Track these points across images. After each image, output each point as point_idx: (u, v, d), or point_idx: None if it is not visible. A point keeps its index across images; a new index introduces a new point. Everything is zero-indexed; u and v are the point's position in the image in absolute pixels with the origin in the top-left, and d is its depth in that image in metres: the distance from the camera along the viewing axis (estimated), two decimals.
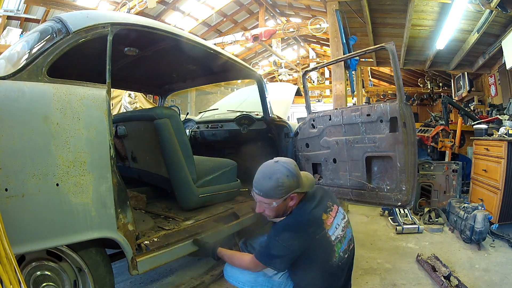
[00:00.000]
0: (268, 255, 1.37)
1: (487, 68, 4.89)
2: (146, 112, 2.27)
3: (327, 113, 2.30)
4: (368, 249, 2.40)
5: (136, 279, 1.91)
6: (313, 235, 1.36)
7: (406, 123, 1.87)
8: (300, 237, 1.35)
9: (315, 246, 1.36)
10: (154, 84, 3.00)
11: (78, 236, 1.15)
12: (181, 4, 7.91)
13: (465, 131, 4.30)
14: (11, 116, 1.03)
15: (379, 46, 1.99)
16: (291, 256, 1.35)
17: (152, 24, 1.59)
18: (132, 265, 1.33)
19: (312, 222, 1.39)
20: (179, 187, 1.92)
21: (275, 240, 1.36)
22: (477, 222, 2.33)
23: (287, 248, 1.34)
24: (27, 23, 6.28)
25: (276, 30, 7.55)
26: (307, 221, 1.39)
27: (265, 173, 1.39)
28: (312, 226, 1.38)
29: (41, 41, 1.27)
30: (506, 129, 2.71)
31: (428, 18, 4.00)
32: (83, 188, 1.16)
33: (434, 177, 3.40)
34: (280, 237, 1.35)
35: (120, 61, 2.14)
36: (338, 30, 3.67)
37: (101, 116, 1.24)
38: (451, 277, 1.78)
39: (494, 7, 3.10)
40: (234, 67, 2.34)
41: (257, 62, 11.53)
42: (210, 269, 2.04)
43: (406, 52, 5.18)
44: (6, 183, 0.99)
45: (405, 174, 1.88)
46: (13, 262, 0.87)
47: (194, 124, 3.28)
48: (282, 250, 1.34)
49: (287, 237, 1.35)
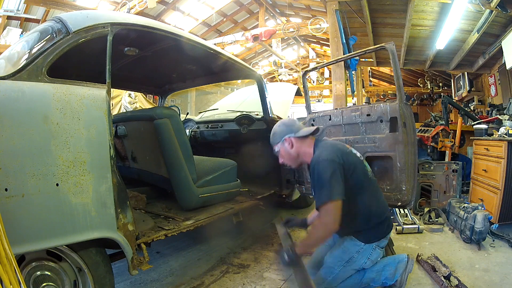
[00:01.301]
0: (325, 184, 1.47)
1: (487, 68, 4.89)
2: (146, 112, 2.27)
3: (327, 113, 2.30)
4: None
5: (136, 279, 1.91)
6: (344, 150, 1.60)
7: (406, 123, 1.87)
8: (336, 151, 1.55)
9: (351, 158, 1.58)
10: (154, 84, 3.00)
11: (78, 236, 1.15)
12: (181, 4, 7.92)
13: (465, 131, 4.29)
14: (11, 116, 1.03)
15: (379, 46, 1.99)
16: (340, 170, 1.49)
17: (152, 24, 1.59)
18: (132, 265, 1.33)
19: (336, 143, 1.67)
20: (179, 187, 1.92)
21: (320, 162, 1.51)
22: (477, 222, 2.33)
23: (332, 161, 1.49)
24: (27, 23, 6.28)
25: (276, 30, 7.55)
26: (333, 143, 1.66)
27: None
28: (338, 145, 1.65)
29: (41, 41, 1.27)
30: (506, 129, 2.71)
31: (428, 18, 4.00)
32: (83, 188, 1.16)
33: (434, 177, 3.40)
34: (321, 157, 1.52)
35: (120, 61, 2.15)
36: (338, 30, 3.68)
37: (101, 116, 1.24)
38: (451, 277, 1.78)
39: (494, 7, 3.10)
40: (234, 67, 2.34)
41: (257, 62, 11.54)
42: (210, 269, 2.05)
43: (406, 52, 5.18)
44: (6, 183, 0.99)
45: (405, 174, 1.88)
46: (13, 262, 0.87)
47: (194, 124, 3.28)
48: (330, 164, 1.48)
49: (327, 153, 1.53)
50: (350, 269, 1.60)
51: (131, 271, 1.34)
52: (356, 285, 1.62)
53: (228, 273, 2.00)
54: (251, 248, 2.33)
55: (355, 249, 1.59)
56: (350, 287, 1.62)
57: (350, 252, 1.60)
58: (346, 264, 1.60)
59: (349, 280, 1.61)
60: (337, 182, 1.45)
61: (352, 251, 1.60)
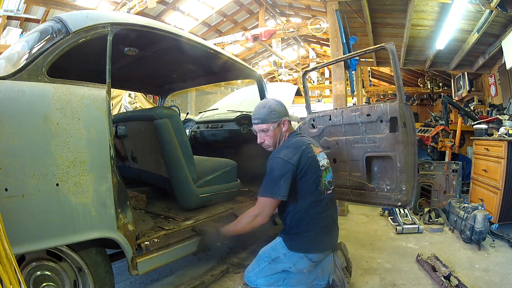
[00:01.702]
0: (273, 181, 1.52)
1: (487, 68, 4.88)
2: (146, 112, 2.27)
3: (327, 113, 2.30)
4: (368, 249, 2.40)
5: (136, 279, 1.91)
6: (306, 152, 1.58)
7: (406, 123, 1.87)
8: (296, 151, 1.56)
9: (308, 163, 1.56)
10: (154, 84, 3.00)
11: (78, 236, 1.15)
12: (181, 4, 7.91)
13: (465, 131, 4.30)
14: (11, 116, 1.03)
15: (379, 46, 1.99)
16: (291, 173, 1.51)
17: (152, 24, 1.59)
18: (132, 265, 1.33)
19: (304, 143, 1.63)
20: (179, 187, 1.92)
21: (276, 158, 1.55)
22: (477, 222, 2.33)
23: (287, 161, 1.52)
24: (27, 23, 6.28)
25: (276, 30, 7.54)
26: (300, 141, 1.64)
27: (259, 105, 1.71)
28: (304, 145, 1.61)
29: (41, 41, 1.27)
30: (506, 129, 2.71)
31: (428, 18, 3.99)
32: (83, 188, 1.16)
33: (434, 177, 3.40)
34: (279, 154, 1.56)
35: (120, 61, 2.14)
36: (338, 30, 3.67)
37: (101, 116, 1.24)
38: (451, 277, 1.78)
39: (494, 7, 3.10)
40: (234, 67, 2.34)
41: (257, 62, 11.54)
42: (210, 269, 2.04)
43: (406, 52, 5.18)
44: (6, 183, 0.99)
45: (405, 174, 1.88)
46: (13, 262, 0.87)
47: (194, 124, 3.28)
48: (284, 165, 1.52)
49: (286, 152, 1.56)
50: (275, 268, 1.64)
51: (131, 271, 1.34)
52: (277, 283, 1.64)
53: (228, 273, 2.00)
54: (251, 248, 2.33)
55: (283, 251, 1.63)
56: (271, 284, 1.65)
57: (277, 252, 1.64)
58: (272, 262, 1.64)
59: (272, 276, 1.64)
60: (285, 183, 1.51)
61: (279, 252, 1.64)
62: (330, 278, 1.65)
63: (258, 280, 1.66)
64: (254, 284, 1.67)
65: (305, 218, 1.59)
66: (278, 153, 1.58)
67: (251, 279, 1.68)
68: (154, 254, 1.44)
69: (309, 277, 1.64)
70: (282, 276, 1.64)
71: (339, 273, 1.64)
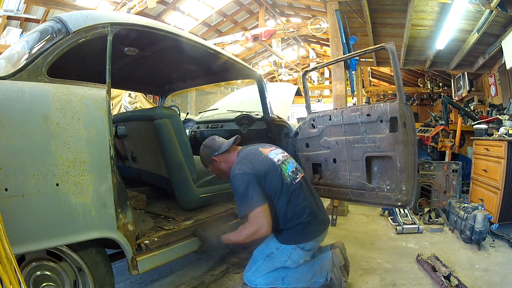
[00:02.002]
0: (244, 196, 1.55)
1: (487, 68, 4.88)
2: (146, 112, 2.27)
3: (327, 113, 2.30)
4: (368, 249, 2.40)
5: (136, 279, 1.91)
6: (256, 158, 1.66)
7: (406, 123, 1.87)
8: (246, 163, 1.62)
9: (263, 166, 1.62)
10: (154, 84, 3.00)
11: (78, 236, 1.15)
12: (181, 4, 7.91)
13: (465, 131, 4.30)
14: (11, 116, 1.03)
15: (379, 46, 1.99)
16: (254, 180, 1.56)
17: (152, 24, 1.59)
18: (132, 265, 1.33)
19: (249, 153, 1.71)
20: (179, 187, 1.92)
21: (234, 176, 1.60)
22: (477, 222, 2.33)
23: (244, 173, 1.57)
24: (27, 23, 6.28)
25: (276, 30, 7.54)
26: (246, 154, 1.72)
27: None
28: (251, 154, 1.70)
29: (41, 41, 1.27)
30: (506, 129, 2.71)
31: (428, 18, 3.99)
32: (83, 188, 1.16)
33: (434, 177, 3.40)
34: (234, 171, 1.61)
35: (120, 61, 2.15)
36: (338, 30, 3.66)
37: (101, 116, 1.24)
38: (451, 277, 1.78)
39: (494, 7, 3.10)
40: (234, 67, 2.34)
41: (257, 62, 11.54)
42: (210, 269, 2.05)
43: (406, 52, 5.18)
44: (6, 183, 0.99)
45: (405, 174, 1.88)
46: (13, 262, 0.87)
47: (194, 124, 3.28)
48: (243, 177, 1.56)
49: (238, 167, 1.61)
50: (272, 264, 1.66)
51: (131, 271, 1.34)
52: (276, 282, 1.67)
53: (228, 273, 2.00)
54: (251, 248, 2.33)
55: (274, 245, 1.67)
56: (270, 283, 1.67)
57: (271, 248, 1.68)
58: (267, 258, 1.67)
59: (270, 275, 1.67)
60: (254, 191, 1.54)
61: (272, 247, 1.68)
62: (328, 275, 1.65)
63: (257, 280, 1.67)
64: (253, 284, 1.68)
65: (287, 214, 1.62)
66: (233, 171, 1.62)
67: (250, 279, 1.69)
68: (154, 253, 1.44)
69: (307, 274, 1.64)
70: (281, 274, 1.65)
71: (336, 272, 1.65)
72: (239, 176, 1.57)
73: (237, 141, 1.83)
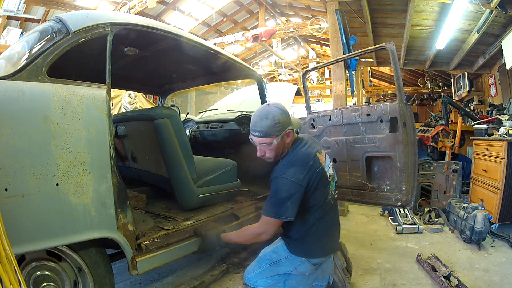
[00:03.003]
0: (279, 202, 1.41)
1: (487, 68, 4.89)
2: (146, 112, 2.26)
3: (327, 113, 2.30)
4: (368, 249, 2.40)
5: (136, 279, 1.91)
6: (314, 168, 1.46)
7: (406, 123, 1.87)
8: (303, 170, 1.43)
9: (317, 180, 1.45)
10: (154, 84, 3.00)
11: (78, 236, 1.15)
12: (181, 4, 7.91)
13: (465, 131, 4.30)
14: (11, 116, 1.03)
15: (379, 46, 1.99)
16: (300, 194, 1.41)
17: (152, 24, 1.59)
18: (132, 265, 1.33)
19: (310, 156, 1.49)
20: (179, 187, 1.92)
21: (283, 179, 1.41)
22: (477, 222, 2.33)
23: (295, 183, 1.40)
24: (27, 23, 6.28)
25: (276, 30, 7.54)
26: (306, 155, 1.49)
27: (261, 115, 1.48)
28: (311, 160, 1.48)
29: (41, 41, 1.27)
30: (506, 129, 2.71)
31: (428, 18, 4.00)
32: (83, 188, 1.16)
33: (434, 177, 3.40)
34: (286, 174, 1.41)
35: (120, 61, 2.14)
36: (338, 30, 3.67)
37: (101, 116, 1.24)
38: (451, 277, 1.78)
39: (494, 7, 3.10)
40: (234, 67, 2.34)
41: (257, 62, 11.54)
42: (210, 269, 2.04)
43: (406, 52, 5.18)
44: (6, 183, 0.99)
45: (405, 174, 1.88)
46: (13, 262, 0.87)
47: (194, 124, 3.27)
48: (292, 187, 1.39)
49: (293, 172, 1.41)
50: (276, 271, 1.62)
51: (131, 271, 1.34)
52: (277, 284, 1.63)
53: (228, 273, 2.00)
54: (251, 248, 2.33)
55: (284, 254, 1.61)
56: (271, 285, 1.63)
57: (279, 255, 1.62)
58: (273, 264, 1.62)
59: (273, 278, 1.63)
60: (292, 205, 1.42)
61: (281, 255, 1.62)
62: (330, 278, 1.64)
63: (258, 281, 1.66)
64: (254, 285, 1.67)
65: (312, 228, 1.56)
66: (284, 172, 1.44)
67: (251, 280, 1.68)
68: (154, 253, 1.44)
69: (309, 278, 1.63)
70: (282, 277, 1.64)
71: (339, 274, 1.64)
72: (289, 183, 1.41)
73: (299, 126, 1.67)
